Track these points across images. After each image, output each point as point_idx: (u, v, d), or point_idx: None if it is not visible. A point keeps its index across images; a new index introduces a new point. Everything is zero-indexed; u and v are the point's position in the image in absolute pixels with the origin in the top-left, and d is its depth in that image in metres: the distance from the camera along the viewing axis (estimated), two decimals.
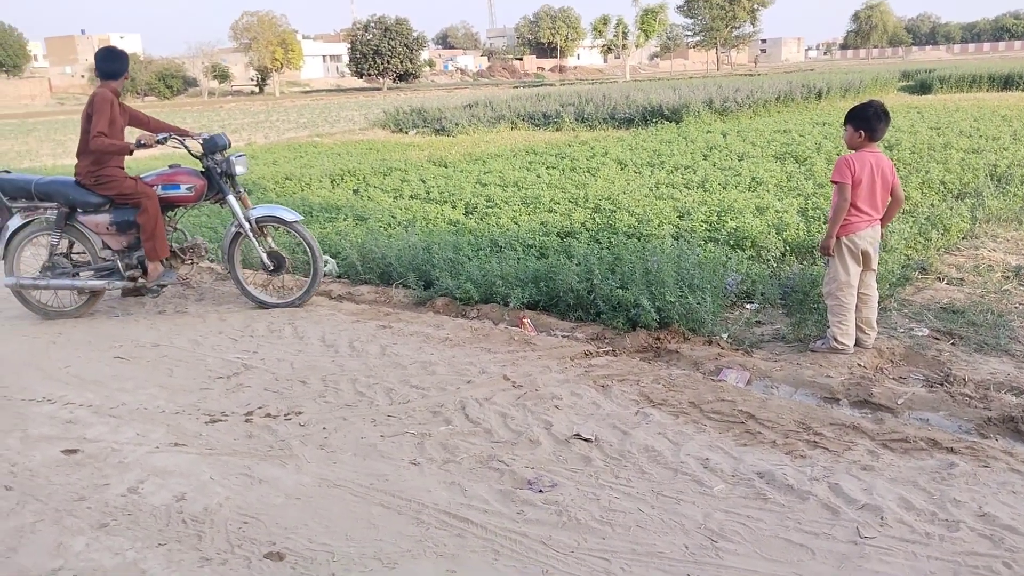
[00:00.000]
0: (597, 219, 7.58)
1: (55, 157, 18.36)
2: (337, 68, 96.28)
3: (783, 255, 6.32)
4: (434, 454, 3.57)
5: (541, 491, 3.21)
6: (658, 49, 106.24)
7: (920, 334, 4.71)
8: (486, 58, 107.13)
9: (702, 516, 2.98)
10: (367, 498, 3.22)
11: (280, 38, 68.76)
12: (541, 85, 53.99)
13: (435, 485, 3.30)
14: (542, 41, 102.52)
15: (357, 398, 4.23)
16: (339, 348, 5.00)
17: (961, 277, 5.75)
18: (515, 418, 3.88)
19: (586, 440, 3.61)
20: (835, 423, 3.65)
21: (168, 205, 5.85)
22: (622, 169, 11.03)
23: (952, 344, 4.56)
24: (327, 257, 6.87)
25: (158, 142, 5.67)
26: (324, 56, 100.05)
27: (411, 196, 9.84)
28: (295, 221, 5.78)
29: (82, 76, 73.11)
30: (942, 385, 4.01)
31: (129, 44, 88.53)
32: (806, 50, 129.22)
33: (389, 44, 69.46)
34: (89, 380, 4.65)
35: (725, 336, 4.82)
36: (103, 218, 5.74)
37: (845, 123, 4.35)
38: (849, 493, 3.06)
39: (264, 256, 5.89)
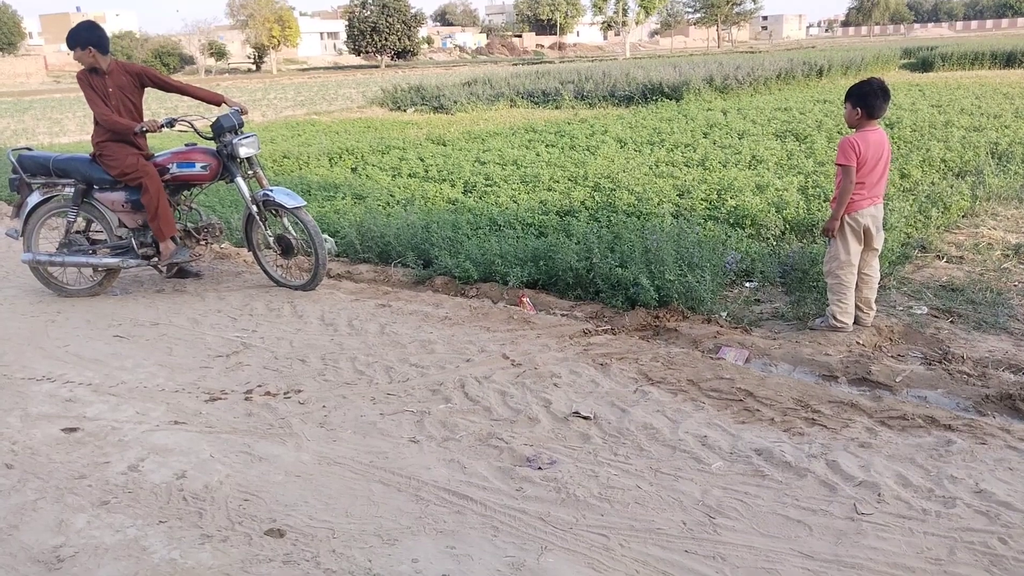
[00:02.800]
0: (596, 198, 7.56)
1: (51, 135, 18.26)
2: (335, 45, 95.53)
3: (783, 233, 6.30)
4: (433, 432, 3.58)
5: (540, 468, 3.22)
6: (658, 26, 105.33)
7: (919, 312, 4.71)
8: (485, 35, 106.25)
9: (700, 493, 2.99)
10: (367, 475, 3.23)
11: (277, 15, 68.09)
12: (540, 62, 53.60)
13: (434, 462, 3.31)
14: (541, 18, 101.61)
15: (356, 376, 4.24)
16: (338, 327, 5.00)
17: (961, 255, 5.74)
18: (514, 396, 3.89)
19: (585, 418, 3.62)
20: (833, 401, 3.66)
21: (184, 184, 5.77)
22: (622, 147, 10.98)
23: (951, 322, 4.57)
24: (326, 236, 6.85)
25: (163, 126, 5.52)
26: (321, 33, 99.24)
27: (409, 175, 9.80)
28: (297, 207, 5.54)
29: None
30: (940, 363, 4.02)
31: (125, 22, 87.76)
32: (807, 27, 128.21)
33: (387, 21, 68.84)
34: (88, 359, 4.66)
35: (724, 314, 4.82)
36: (118, 195, 5.68)
37: (845, 101, 4.32)
38: (847, 470, 3.07)
39: (270, 239, 5.70)
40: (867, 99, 4.20)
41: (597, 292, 5.19)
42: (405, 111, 20.93)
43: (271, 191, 5.59)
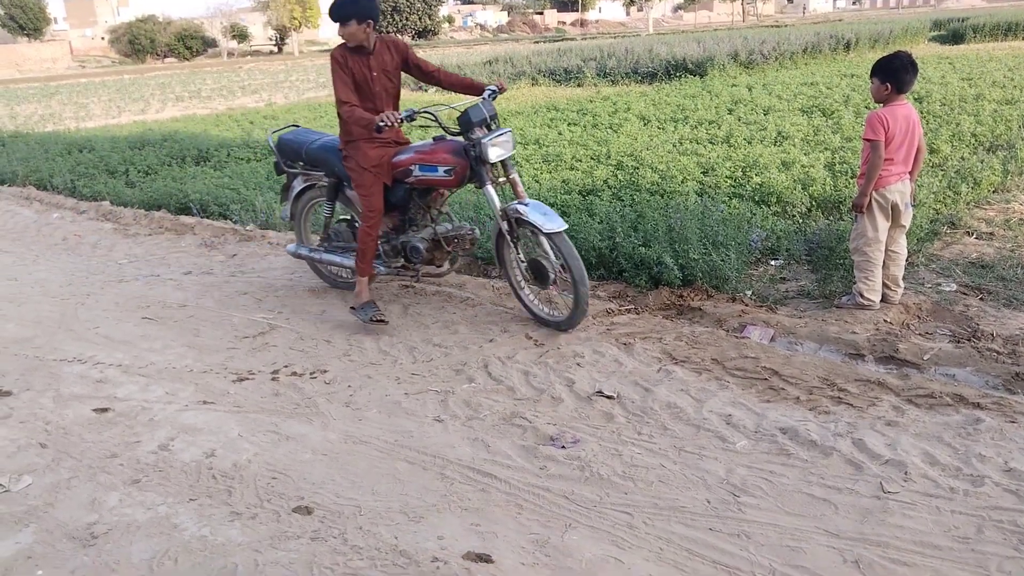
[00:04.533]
0: (619, 176, 7.50)
1: (78, 120, 18.46)
2: None
3: (809, 211, 6.22)
4: (457, 411, 3.60)
5: (564, 447, 3.23)
6: (682, 0, 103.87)
7: (948, 289, 4.64)
8: (506, 13, 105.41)
9: (724, 471, 2.99)
10: (392, 454, 3.27)
11: None
12: (562, 40, 53.14)
13: (459, 441, 3.33)
14: None
15: (381, 357, 4.27)
16: None
17: (991, 231, 5.64)
18: (537, 376, 3.90)
19: (608, 397, 3.62)
20: (860, 379, 3.63)
21: (427, 188, 4.79)
22: (645, 125, 10.88)
23: (980, 299, 4.49)
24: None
25: (404, 120, 4.35)
26: None
27: None
28: (554, 231, 4.20)
29: (102, 38, 73.10)
30: (969, 341, 3.96)
31: (150, 6, 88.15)
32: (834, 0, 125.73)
33: (408, 0, 68.59)
34: (118, 340, 4.73)
35: (749, 293, 4.78)
36: None
37: (872, 76, 4.24)
38: (873, 448, 3.05)
39: (522, 263, 4.48)
40: (895, 73, 4.12)
41: (620, 271, 5.17)
42: (426, 91, 20.87)
43: (525, 206, 4.36)
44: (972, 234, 5.62)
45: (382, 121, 4.24)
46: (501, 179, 4.55)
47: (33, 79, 45.28)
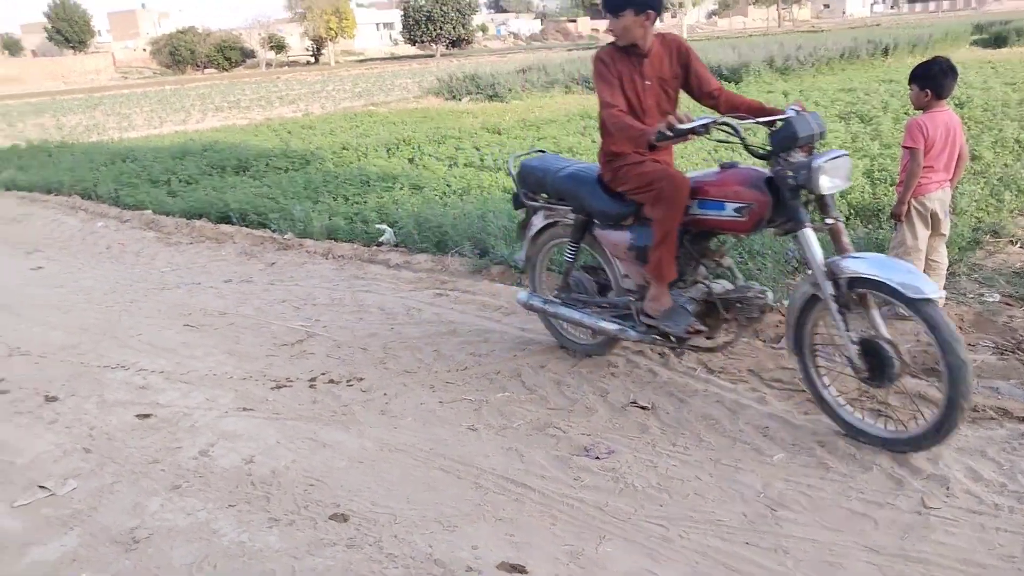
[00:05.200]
0: None
1: (121, 130, 18.90)
2: (390, 35, 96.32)
3: (847, 219, 6.13)
4: (491, 420, 3.62)
5: (598, 458, 3.23)
6: (716, 6, 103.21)
7: (991, 300, 4.54)
8: (539, 21, 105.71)
9: (761, 485, 2.96)
10: (427, 462, 3.29)
11: (334, 7, 68.94)
12: (596, 47, 53.08)
13: (493, 450, 3.35)
14: (596, 2, 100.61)
15: (416, 365, 4.30)
16: (397, 316, 5.08)
17: None
18: (570, 385, 3.90)
19: (643, 408, 3.61)
20: (900, 392, 3.56)
21: (709, 231, 3.62)
22: None
23: None
24: (384, 226, 6.96)
25: (693, 132, 3.25)
26: (377, 24, 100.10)
27: (465, 164, 9.85)
28: (922, 298, 2.92)
29: (144, 50, 74.76)
30: (1013, 352, 3.87)
31: (190, 18, 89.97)
32: (871, 4, 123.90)
33: (441, 10, 69.06)
34: (160, 347, 4.83)
35: (786, 303, 4.72)
36: (620, 237, 3.82)
37: (910, 83, 4.18)
38: (914, 463, 3.00)
39: (851, 347, 3.15)
40: (934, 79, 4.07)
41: None
42: (460, 100, 21.00)
43: (861, 260, 3.12)
44: (1016, 243, 5.49)
45: (668, 129, 3.20)
46: (825, 222, 3.25)
47: (78, 90, 46.49)
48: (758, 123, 3.49)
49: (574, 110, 15.10)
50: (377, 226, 6.97)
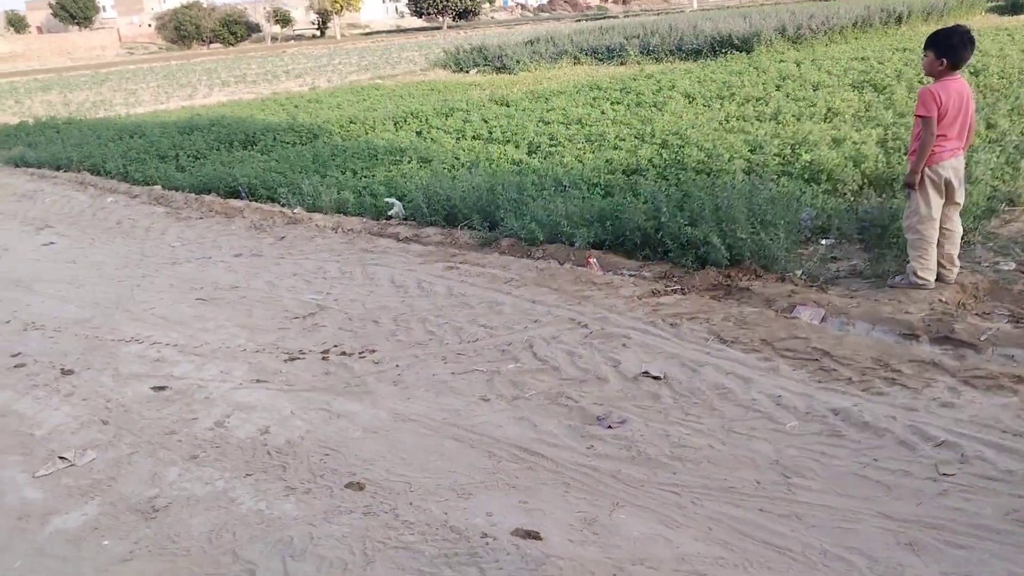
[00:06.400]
0: (664, 155, 7.42)
1: (128, 106, 18.87)
2: (396, 8, 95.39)
3: (861, 188, 6.09)
4: (504, 391, 3.63)
5: (610, 427, 3.24)
6: None
7: (1006, 268, 4.51)
8: None
9: (774, 452, 2.97)
10: (440, 432, 3.31)
11: None
12: (604, 17, 52.47)
13: (505, 420, 3.36)
14: None
15: (427, 337, 4.31)
16: (408, 289, 5.08)
17: None
18: (583, 356, 3.90)
19: (655, 378, 3.61)
20: (914, 360, 3.55)
21: None
22: (690, 103, 10.72)
23: None
24: (393, 199, 6.94)
25: None
26: None
27: (473, 136, 9.80)
28: None
29: (149, 25, 74.35)
30: None
31: None
32: None
33: None
34: (174, 321, 4.86)
35: (799, 273, 4.71)
36: None
37: (926, 49, 4.10)
38: (927, 430, 2.99)
39: None
40: (953, 50, 3.98)
41: (666, 252, 5.13)
42: (467, 72, 20.83)
43: None
44: None
45: None
46: None
47: (84, 67, 46.33)
48: None
49: (583, 81, 14.96)
50: (386, 200, 6.95)
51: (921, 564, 2.35)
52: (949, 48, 3.99)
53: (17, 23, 77.43)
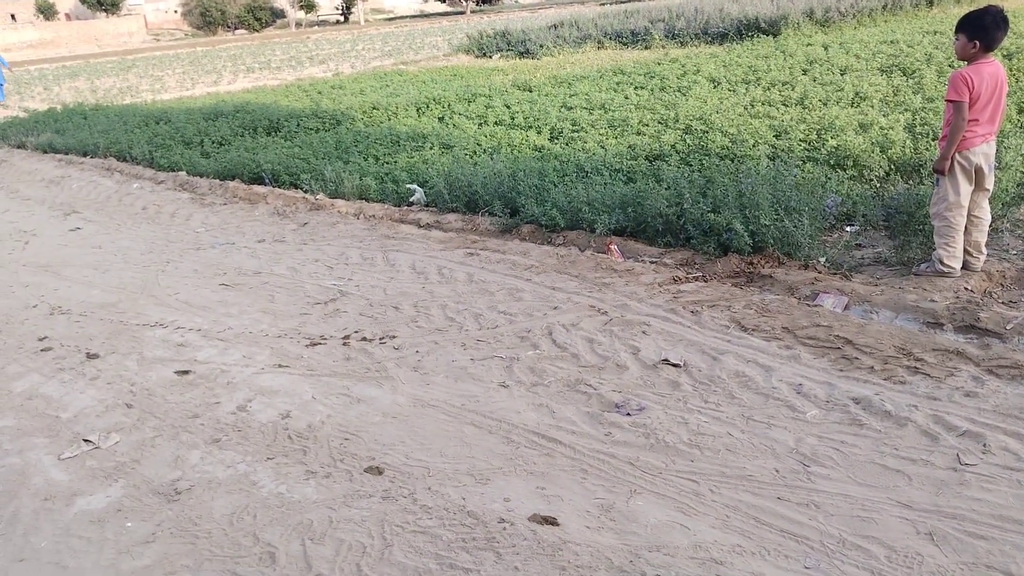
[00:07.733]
0: (688, 141, 7.35)
1: (154, 92, 19.03)
2: None
3: (887, 175, 5.99)
4: (522, 377, 3.63)
5: (629, 414, 3.23)
6: None
7: None
8: None
9: (794, 441, 2.95)
10: (459, 418, 3.32)
11: None
12: (628, 1, 51.96)
13: (524, 407, 3.37)
14: None
15: (447, 323, 4.33)
16: (428, 275, 5.10)
17: None
18: (602, 343, 3.90)
19: (674, 365, 3.60)
20: (938, 349, 3.51)
21: None
22: (715, 87, 10.60)
23: None
24: (414, 186, 6.95)
25: None
26: None
27: (496, 122, 9.77)
28: None
29: (175, 12, 74.83)
30: None
31: None
32: None
33: None
34: (197, 306, 4.92)
35: (823, 260, 4.65)
36: None
37: (957, 32, 4.01)
38: (950, 420, 2.96)
39: None
40: (985, 31, 3.88)
41: (688, 239, 5.10)
42: (490, 57, 20.75)
43: None
44: None
45: None
46: None
47: (111, 53, 46.77)
48: None
49: (607, 65, 14.84)
50: (407, 186, 6.96)
51: (941, 554, 2.32)
52: (981, 29, 3.90)
53: (47, 10, 78.28)
